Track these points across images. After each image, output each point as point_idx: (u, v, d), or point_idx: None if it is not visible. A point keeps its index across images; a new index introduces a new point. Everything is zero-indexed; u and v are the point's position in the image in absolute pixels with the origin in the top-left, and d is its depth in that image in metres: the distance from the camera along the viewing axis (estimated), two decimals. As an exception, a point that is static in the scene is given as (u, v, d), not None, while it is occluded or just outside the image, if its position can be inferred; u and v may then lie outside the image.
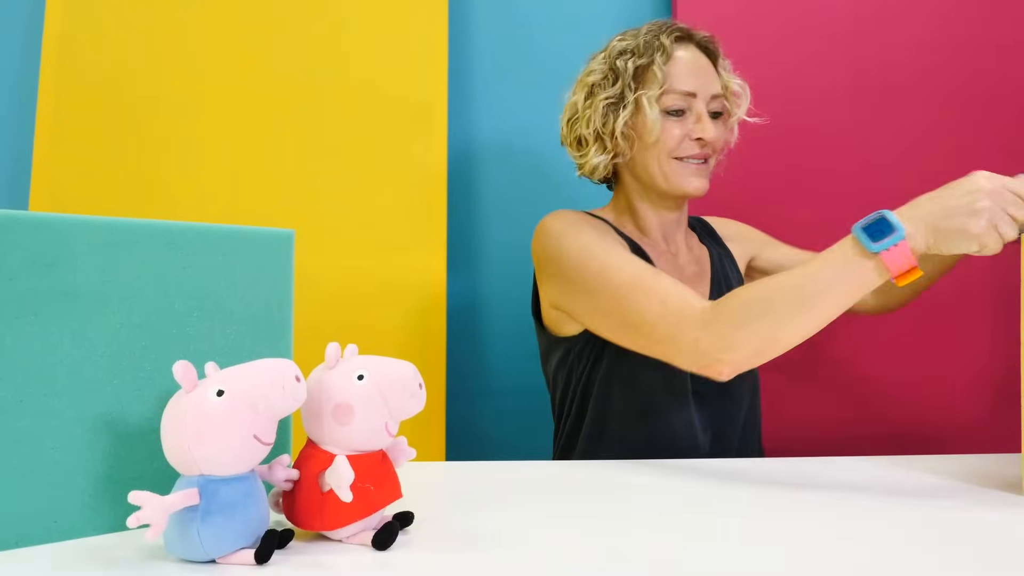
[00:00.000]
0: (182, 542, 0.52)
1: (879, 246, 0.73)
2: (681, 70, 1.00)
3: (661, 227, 1.08)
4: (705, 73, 1.01)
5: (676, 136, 1.00)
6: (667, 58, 0.99)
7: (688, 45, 1.02)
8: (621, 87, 1.00)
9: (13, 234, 0.56)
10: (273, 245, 0.68)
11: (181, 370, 0.52)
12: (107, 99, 1.21)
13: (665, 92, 0.99)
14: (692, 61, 1.01)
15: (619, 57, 1.01)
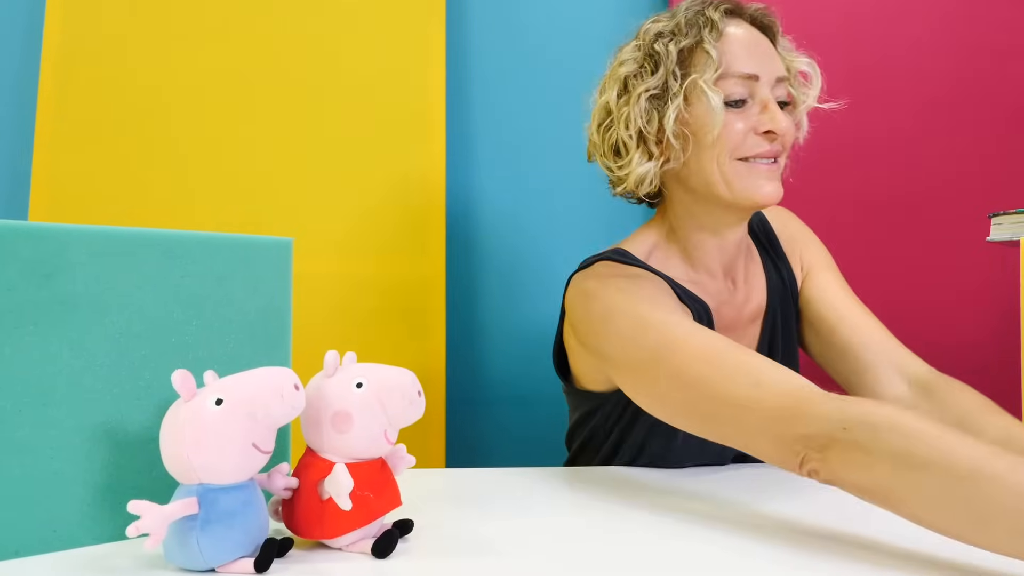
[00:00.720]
0: (181, 551, 0.52)
1: None
2: (738, 48, 0.81)
3: (721, 256, 0.88)
4: (766, 51, 0.82)
5: (739, 131, 0.81)
6: (719, 34, 0.81)
7: (740, 20, 0.84)
8: (664, 75, 0.81)
9: (12, 244, 0.56)
10: (271, 253, 0.68)
11: (180, 379, 0.52)
12: (106, 107, 1.21)
13: (722, 76, 0.80)
14: (749, 37, 0.82)
15: (657, 40, 0.83)
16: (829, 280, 0.93)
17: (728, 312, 0.89)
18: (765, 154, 0.81)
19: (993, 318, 1.35)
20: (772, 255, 0.95)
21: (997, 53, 1.36)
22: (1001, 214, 0.79)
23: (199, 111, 1.24)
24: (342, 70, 1.27)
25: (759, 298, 0.92)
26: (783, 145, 0.82)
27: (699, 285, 0.87)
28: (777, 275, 0.93)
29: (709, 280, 0.88)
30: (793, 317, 0.92)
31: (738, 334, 0.89)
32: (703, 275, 0.88)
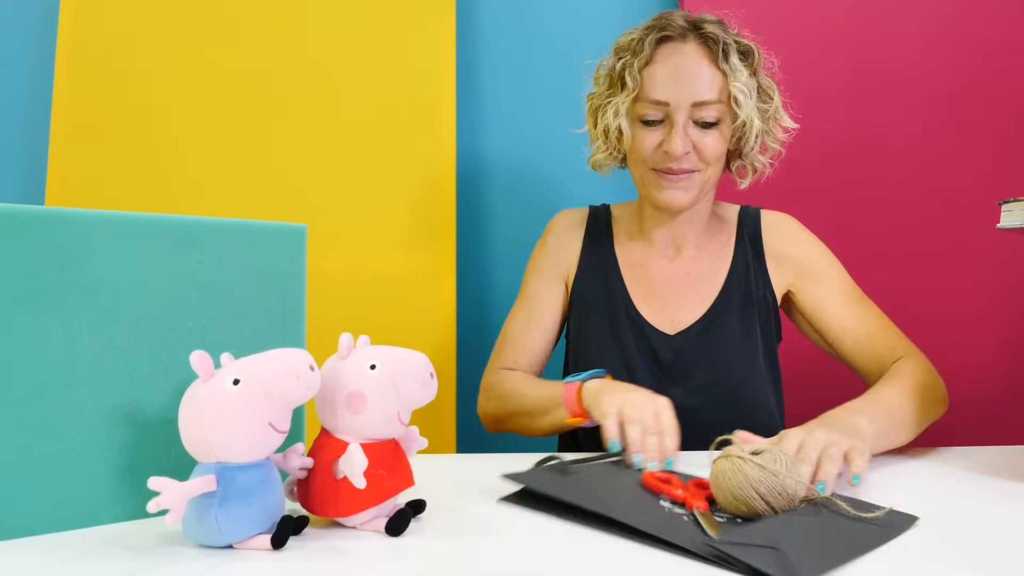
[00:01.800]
0: (200, 528, 0.53)
1: (570, 377, 0.88)
2: (658, 76, 0.93)
3: (664, 231, 1.05)
4: (687, 78, 0.92)
5: (649, 146, 0.95)
6: (645, 62, 0.93)
7: (679, 44, 0.94)
8: (610, 87, 0.98)
9: (33, 229, 0.57)
10: (286, 239, 0.69)
11: (198, 360, 0.53)
12: (120, 99, 1.23)
13: (637, 100, 0.94)
14: (673, 66, 0.93)
15: (615, 54, 0.98)
16: (831, 291, 1.01)
17: (652, 272, 1.04)
18: (667, 170, 0.95)
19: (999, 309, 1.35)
20: (751, 256, 1.03)
21: (1004, 46, 1.36)
22: (1011, 201, 0.79)
23: (210, 104, 1.25)
24: (353, 64, 1.28)
25: (710, 280, 1.03)
26: (693, 162, 0.94)
27: (633, 246, 1.06)
28: (744, 273, 1.02)
29: (645, 246, 1.06)
30: (756, 312, 1.00)
31: (666, 294, 1.03)
32: (642, 241, 1.06)
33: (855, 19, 1.37)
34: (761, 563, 0.50)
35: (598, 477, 0.69)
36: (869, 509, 0.61)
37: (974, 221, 1.34)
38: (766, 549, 0.52)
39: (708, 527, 0.57)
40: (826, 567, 0.51)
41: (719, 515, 0.60)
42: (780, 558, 0.51)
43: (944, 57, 1.36)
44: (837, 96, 1.37)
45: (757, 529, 0.57)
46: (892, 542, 0.56)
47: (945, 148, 1.36)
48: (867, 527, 0.58)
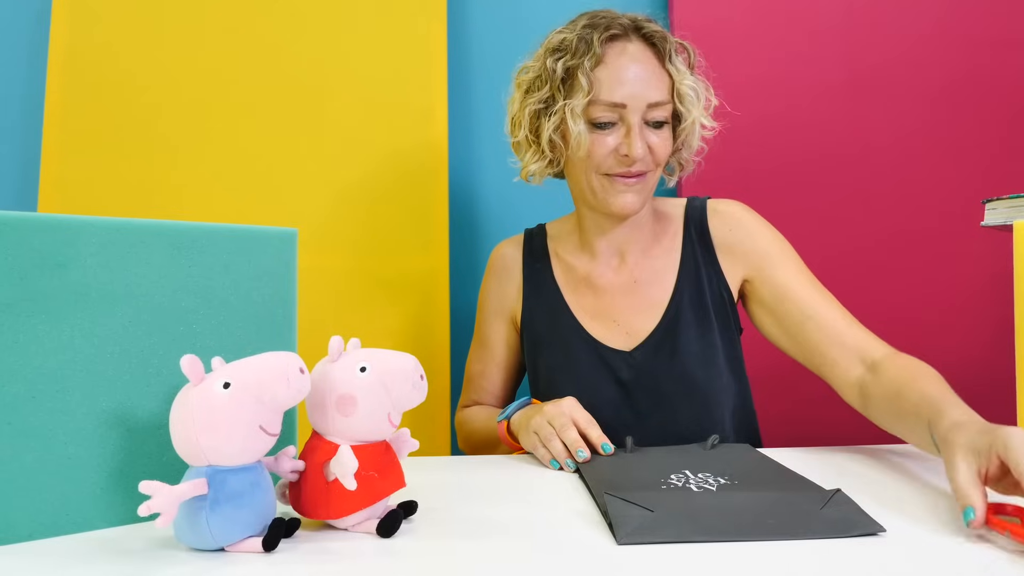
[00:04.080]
0: (192, 531, 0.53)
1: (499, 416, 0.93)
2: (611, 77, 0.89)
3: (607, 240, 1.02)
4: (640, 79, 0.90)
5: (604, 151, 0.91)
6: (595, 62, 0.89)
7: (626, 43, 0.91)
8: (549, 91, 0.92)
9: (25, 235, 0.57)
10: (277, 244, 0.70)
11: (188, 363, 0.53)
12: (112, 104, 1.23)
13: (591, 102, 0.89)
14: (625, 65, 0.90)
15: (552, 55, 0.93)
16: (790, 274, 0.95)
17: (598, 286, 1.02)
18: (623, 173, 0.92)
19: (989, 312, 1.36)
20: (700, 253, 0.99)
21: (996, 46, 1.37)
22: (995, 199, 0.80)
23: (203, 108, 1.25)
24: (345, 66, 1.29)
25: (659, 284, 1.00)
26: (650, 164, 0.92)
27: (575, 262, 1.04)
28: (694, 272, 0.99)
29: (588, 261, 1.03)
30: (712, 311, 0.97)
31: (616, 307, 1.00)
32: (584, 256, 1.04)
33: (847, 19, 1.38)
34: (615, 517, 0.58)
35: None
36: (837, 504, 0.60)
37: (960, 219, 1.35)
38: (640, 509, 0.59)
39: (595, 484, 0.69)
40: (683, 537, 0.56)
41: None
42: (632, 518, 0.58)
43: (932, 56, 1.37)
44: (829, 95, 1.38)
45: (683, 496, 0.64)
46: (889, 540, 0.57)
47: (933, 146, 1.37)
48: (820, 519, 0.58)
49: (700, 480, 0.69)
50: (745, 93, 1.35)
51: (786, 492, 0.65)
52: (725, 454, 0.80)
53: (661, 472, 0.72)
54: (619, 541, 0.56)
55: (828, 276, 1.17)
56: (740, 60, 1.37)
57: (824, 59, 1.38)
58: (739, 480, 0.69)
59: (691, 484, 0.68)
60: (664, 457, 0.79)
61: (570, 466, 0.77)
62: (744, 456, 0.79)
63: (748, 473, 0.71)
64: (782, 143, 1.37)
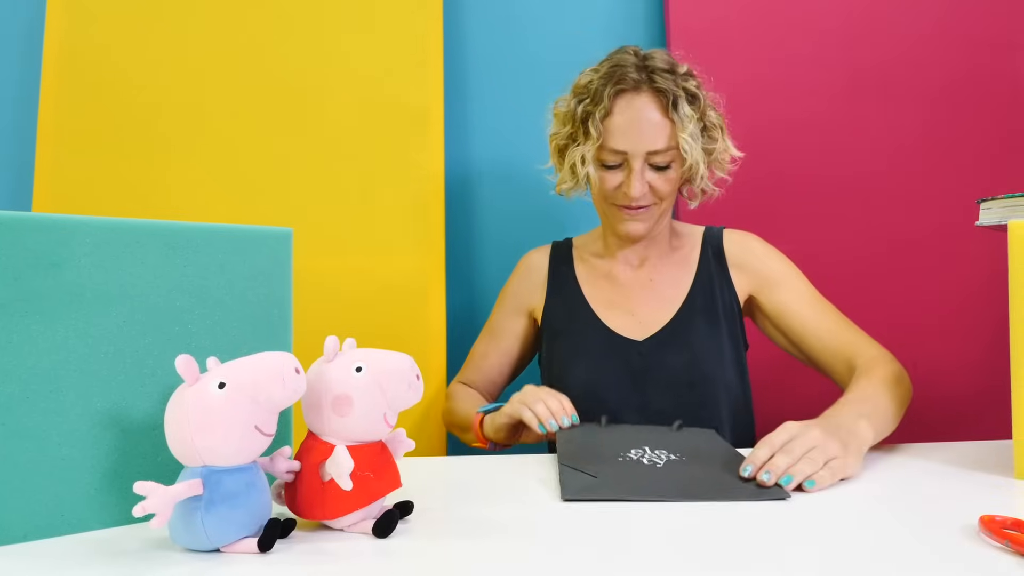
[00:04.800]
0: (187, 532, 0.53)
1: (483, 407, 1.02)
2: (615, 127, 1.00)
3: (626, 251, 1.13)
4: (642, 130, 1.00)
5: (610, 187, 1.04)
6: (605, 113, 1.00)
7: (634, 96, 1.01)
8: (572, 129, 1.05)
9: (19, 235, 0.57)
10: (272, 244, 0.69)
11: (183, 364, 0.53)
12: (107, 104, 1.23)
13: (601, 147, 1.02)
14: (629, 119, 1.00)
15: (576, 96, 1.05)
16: (792, 295, 1.07)
17: (617, 280, 1.12)
18: (627, 206, 1.04)
19: (983, 307, 1.36)
20: (715, 268, 1.10)
21: (987, 47, 1.37)
22: (990, 199, 0.80)
23: (198, 108, 1.25)
24: (341, 66, 1.28)
25: (675, 286, 1.10)
26: (650, 199, 1.03)
27: (598, 262, 1.15)
28: (708, 282, 1.09)
29: (609, 261, 1.14)
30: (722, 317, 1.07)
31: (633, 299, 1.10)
32: (606, 258, 1.15)
33: (844, 21, 1.38)
34: (563, 481, 0.71)
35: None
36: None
37: (956, 219, 1.35)
38: (585, 476, 0.72)
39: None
40: (629, 495, 0.67)
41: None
42: (576, 481, 0.71)
43: (929, 58, 1.38)
44: (826, 97, 1.38)
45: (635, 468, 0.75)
46: (879, 535, 0.57)
47: (929, 147, 1.37)
48: (739, 488, 0.69)
49: (653, 456, 0.79)
50: (742, 95, 1.36)
51: (723, 469, 0.74)
52: (688, 437, 0.87)
53: (622, 446, 0.82)
54: (563, 497, 0.68)
55: (826, 276, 1.18)
56: (737, 62, 1.37)
57: (821, 61, 1.38)
58: (688, 458, 0.78)
59: (644, 458, 0.78)
60: (631, 434, 0.88)
61: (553, 426, 0.89)
62: (704, 440, 0.86)
63: (699, 453, 0.80)
64: (779, 144, 1.37)
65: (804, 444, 0.72)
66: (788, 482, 0.69)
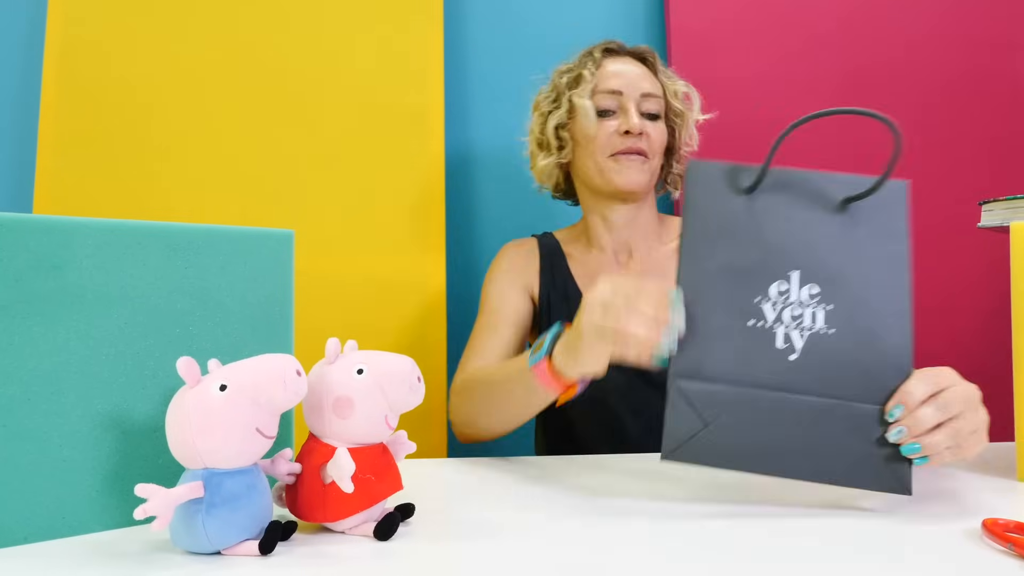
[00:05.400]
0: (188, 534, 0.53)
1: (531, 360, 0.77)
2: (608, 72, 1.06)
3: (612, 237, 1.11)
4: (633, 75, 1.06)
5: (607, 133, 1.05)
6: (596, 65, 1.06)
7: (620, 57, 1.09)
8: (556, 94, 1.09)
9: (20, 236, 0.57)
10: (273, 245, 0.69)
11: (184, 366, 0.53)
12: (108, 105, 1.23)
13: (594, 91, 1.05)
14: (620, 66, 1.07)
15: (559, 75, 1.10)
16: None
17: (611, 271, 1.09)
18: (626, 151, 1.03)
19: (986, 309, 1.36)
20: None
21: (986, 46, 1.37)
22: (991, 201, 0.80)
23: (199, 109, 1.25)
24: (342, 67, 1.28)
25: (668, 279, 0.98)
26: (649, 147, 1.04)
27: (586, 258, 1.12)
28: None
29: (598, 255, 1.11)
30: None
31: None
32: (594, 251, 1.12)
33: (843, 21, 1.38)
34: (667, 422, 0.63)
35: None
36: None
37: (957, 220, 1.35)
38: (696, 416, 0.62)
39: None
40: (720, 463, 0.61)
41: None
42: (682, 431, 0.62)
43: (929, 58, 1.37)
44: (825, 96, 1.38)
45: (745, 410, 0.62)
46: (883, 534, 0.56)
47: (930, 148, 1.37)
48: (858, 466, 0.60)
49: (797, 312, 0.63)
50: (741, 94, 1.35)
51: (855, 399, 0.62)
52: (844, 245, 0.66)
53: (768, 274, 0.65)
54: (662, 456, 0.61)
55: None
56: (736, 61, 1.37)
57: (820, 61, 1.38)
58: (836, 322, 0.63)
59: (781, 322, 0.63)
60: (792, 217, 0.67)
61: (670, 347, 0.64)
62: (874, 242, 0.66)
63: (850, 310, 0.63)
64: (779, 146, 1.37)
65: (959, 401, 0.61)
66: (922, 463, 0.61)
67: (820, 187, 0.69)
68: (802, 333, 0.63)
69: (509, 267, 1.13)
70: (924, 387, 0.60)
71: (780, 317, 0.63)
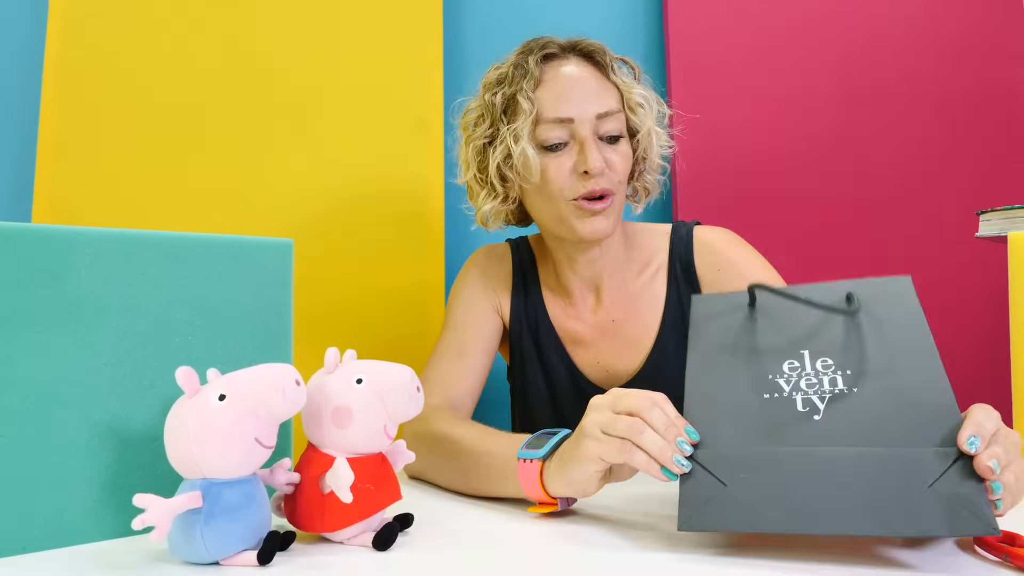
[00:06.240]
0: (186, 544, 0.53)
1: (523, 453, 0.67)
2: (551, 94, 0.85)
3: (578, 276, 0.96)
4: (584, 90, 0.85)
5: (562, 174, 0.85)
6: (535, 83, 0.85)
7: (563, 61, 0.88)
8: (493, 123, 0.88)
9: (19, 245, 0.57)
10: (272, 254, 0.69)
11: (183, 375, 0.53)
12: (107, 112, 1.23)
13: (537, 122, 0.85)
14: (566, 80, 0.86)
15: (489, 89, 0.89)
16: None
17: (576, 324, 0.96)
18: (588, 195, 0.85)
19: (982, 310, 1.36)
20: (685, 295, 0.94)
21: (985, 55, 1.38)
22: (989, 211, 0.80)
23: (198, 117, 1.25)
24: (342, 76, 1.29)
25: (640, 324, 0.94)
26: (611, 181, 0.85)
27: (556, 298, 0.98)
28: (680, 315, 0.93)
29: (565, 298, 0.97)
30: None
31: (597, 346, 0.95)
32: (561, 293, 0.98)
33: (841, 27, 1.39)
34: (682, 491, 0.55)
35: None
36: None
37: (955, 230, 1.36)
38: (712, 480, 0.55)
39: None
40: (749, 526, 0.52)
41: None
42: (699, 495, 0.54)
43: (927, 66, 1.38)
44: (823, 103, 1.38)
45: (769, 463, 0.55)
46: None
47: (927, 157, 1.38)
48: (922, 506, 0.50)
49: (812, 380, 0.59)
50: (739, 100, 1.36)
51: (897, 445, 0.54)
52: (864, 327, 0.63)
53: (778, 355, 0.62)
54: (679, 527, 0.53)
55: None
56: (735, 62, 1.38)
57: (818, 67, 1.39)
58: (858, 381, 0.58)
59: (799, 390, 0.59)
60: (793, 319, 0.64)
61: (683, 464, 0.57)
62: (887, 326, 0.63)
63: (869, 369, 0.59)
64: (775, 151, 1.38)
65: (1014, 445, 0.53)
66: (998, 508, 0.51)
67: (822, 291, 0.66)
68: (822, 396, 0.58)
69: (479, 282, 1.00)
70: (991, 422, 0.53)
71: (797, 386, 0.60)
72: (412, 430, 0.83)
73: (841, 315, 0.63)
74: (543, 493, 0.65)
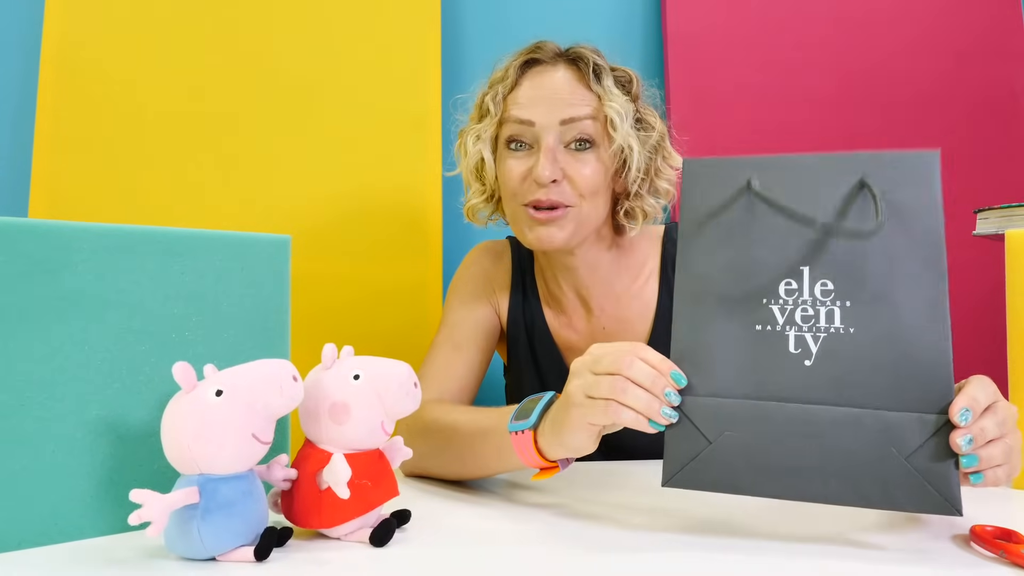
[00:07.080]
0: (182, 540, 0.53)
1: (513, 425, 0.66)
2: (524, 98, 0.85)
3: (565, 286, 0.95)
4: (553, 95, 0.84)
5: (517, 176, 0.84)
6: (510, 87, 0.86)
7: (547, 67, 0.87)
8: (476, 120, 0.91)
9: (15, 241, 0.57)
10: (269, 250, 0.69)
11: (180, 371, 0.53)
12: (105, 108, 1.22)
13: (502, 122, 0.85)
14: (539, 85, 0.85)
15: (483, 90, 0.90)
16: None
17: (570, 334, 0.96)
18: (536, 202, 0.83)
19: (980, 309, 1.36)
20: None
21: (982, 54, 1.38)
22: (987, 209, 0.80)
23: (196, 113, 1.25)
24: (340, 73, 1.28)
25: (632, 333, 0.93)
26: (563, 195, 0.82)
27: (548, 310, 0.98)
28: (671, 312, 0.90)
29: (556, 307, 0.97)
30: None
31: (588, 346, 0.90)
32: (553, 303, 0.97)
33: (838, 27, 1.39)
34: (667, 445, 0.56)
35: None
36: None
37: (952, 228, 1.36)
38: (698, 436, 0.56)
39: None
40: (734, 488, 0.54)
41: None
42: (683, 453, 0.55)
43: (924, 65, 1.38)
44: (820, 103, 1.38)
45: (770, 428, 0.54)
46: (887, 539, 0.56)
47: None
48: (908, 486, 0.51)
49: (808, 312, 0.57)
50: (738, 100, 1.36)
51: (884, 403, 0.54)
52: (860, 248, 0.58)
53: (775, 273, 0.58)
54: (663, 483, 0.54)
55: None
56: (733, 64, 1.38)
57: (815, 67, 1.39)
58: (856, 319, 0.56)
59: (793, 324, 0.56)
60: (791, 228, 0.59)
61: (669, 415, 0.57)
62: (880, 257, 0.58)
63: (869, 298, 0.56)
64: (774, 151, 1.38)
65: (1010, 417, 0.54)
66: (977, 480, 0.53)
67: (832, 169, 0.60)
68: (816, 336, 0.56)
69: (477, 278, 1.00)
70: (985, 395, 0.53)
71: (792, 319, 0.56)
72: (404, 425, 0.81)
73: (854, 210, 0.58)
74: (541, 460, 0.64)
